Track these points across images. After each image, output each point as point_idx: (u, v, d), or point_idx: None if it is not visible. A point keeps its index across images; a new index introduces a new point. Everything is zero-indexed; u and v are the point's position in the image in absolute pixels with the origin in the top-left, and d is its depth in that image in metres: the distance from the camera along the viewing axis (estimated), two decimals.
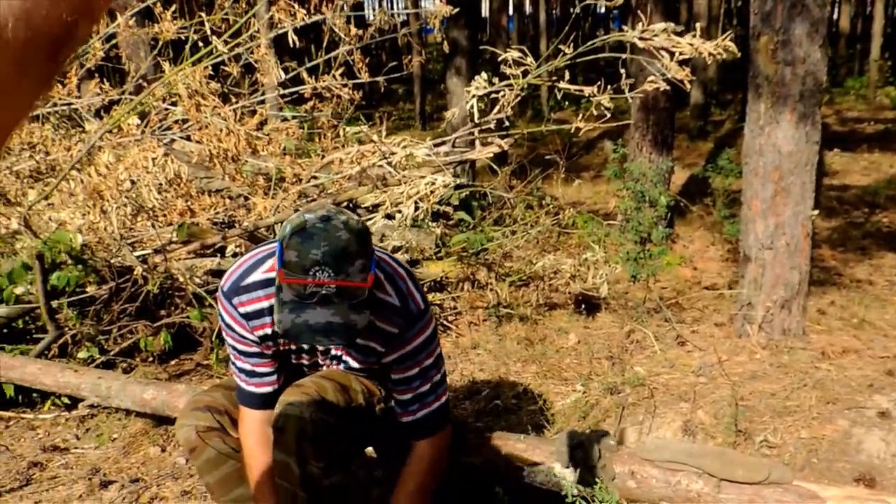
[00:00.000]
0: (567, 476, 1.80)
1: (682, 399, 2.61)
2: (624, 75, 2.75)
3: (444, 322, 3.62)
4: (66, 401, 2.86)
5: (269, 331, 1.58)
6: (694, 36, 2.64)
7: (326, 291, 1.34)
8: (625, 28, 2.81)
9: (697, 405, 2.53)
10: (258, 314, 1.56)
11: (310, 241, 1.34)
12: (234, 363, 1.68)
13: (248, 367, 1.65)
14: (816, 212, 3.17)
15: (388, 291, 1.56)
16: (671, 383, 2.75)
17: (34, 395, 2.91)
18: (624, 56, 2.72)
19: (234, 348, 1.64)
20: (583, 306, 3.68)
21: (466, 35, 6.86)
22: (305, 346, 1.68)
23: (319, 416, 1.54)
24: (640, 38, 2.59)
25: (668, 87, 2.68)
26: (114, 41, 4.15)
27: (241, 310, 1.56)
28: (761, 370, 2.82)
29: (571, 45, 2.69)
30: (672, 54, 2.59)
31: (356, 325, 1.38)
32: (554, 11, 24.43)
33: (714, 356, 2.86)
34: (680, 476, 1.78)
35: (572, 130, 2.78)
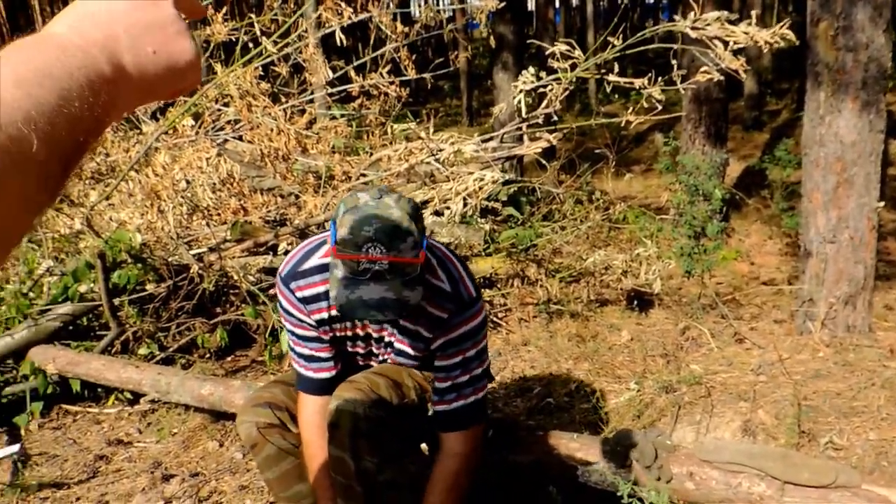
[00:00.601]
0: (623, 476, 1.77)
1: (741, 398, 2.54)
2: (675, 67, 2.68)
3: (495, 319, 3.60)
4: (129, 396, 2.95)
5: (325, 315, 1.62)
6: (749, 24, 2.55)
7: (379, 267, 1.36)
8: (676, 18, 2.74)
9: (758, 405, 2.46)
10: (315, 298, 1.60)
11: (363, 219, 1.37)
12: (293, 349, 1.71)
13: (307, 351, 1.68)
14: (882, 203, 3.04)
15: (440, 277, 1.58)
16: (729, 382, 2.68)
17: (99, 390, 3.01)
18: (675, 47, 2.65)
19: (294, 333, 1.68)
20: (635, 302, 3.62)
21: (513, 29, 6.81)
22: (360, 333, 1.69)
23: (373, 412, 1.56)
24: (693, 28, 2.52)
25: (721, 78, 2.59)
26: None
27: (299, 294, 1.60)
28: (825, 369, 2.72)
29: (620, 36, 2.64)
30: (726, 44, 2.51)
31: (409, 300, 1.40)
32: (601, 3, 24.09)
33: (774, 354, 2.77)
34: (741, 478, 1.73)
35: (622, 124, 2.72)
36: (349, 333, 1.69)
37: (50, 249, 3.40)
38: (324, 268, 1.57)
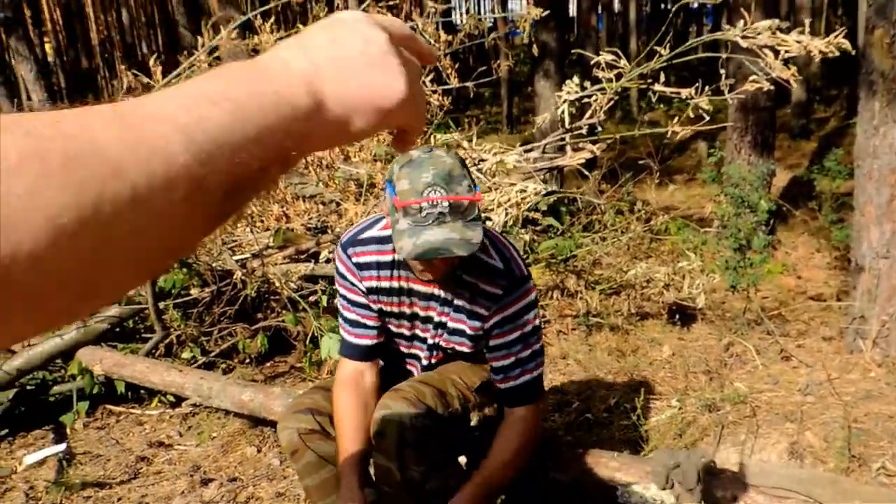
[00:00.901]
0: (664, 499, 1.73)
1: (787, 419, 2.46)
2: (723, 76, 2.62)
3: None
4: (171, 398, 3.01)
5: (374, 284, 1.70)
6: (801, 32, 2.49)
7: (441, 209, 1.43)
8: (724, 27, 2.69)
9: (805, 426, 2.38)
10: (368, 266, 1.69)
11: (419, 168, 1.45)
12: (342, 314, 1.79)
13: (354, 316, 1.75)
14: None
15: (493, 255, 1.64)
16: (775, 401, 2.60)
17: (142, 391, 3.08)
18: (723, 56, 2.59)
19: (345, 297, 1.76)
20: (677, 316, 3.55)
21: (555, 37, 6.78)
22: (407, 311, 1.73)
23: (419, 422, 1.56)
24: (743, 37, 2.46)
25: (771, 87, 2.53)
26: (216, 53, 4.34)
27: (355, 259, 1.70)
28: (877, 389, 2.63)
29: (668, 45, 2.59)
30: (777, 53, 2.44)
31: (471, 239, 1.45)
32: (644, 9, 23.81)
33: (823, 373, 2.69)
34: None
35: (668, 135, 2.67)
36: (395, 309, 1.74)
37: None
38: (381, 240, 1.68)
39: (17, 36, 6.37)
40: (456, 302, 1.67)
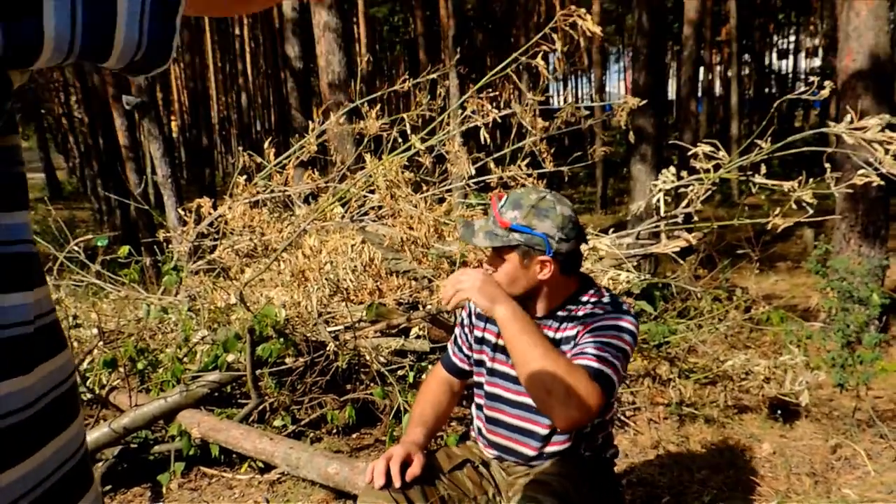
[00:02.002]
0: None
1: None
2: (829, 169, 2.56)
3: (622, 418, 3.47)
4: (260, 464, 3.09)
5: (479, 334, 1.90)
6: None
7: (489, 213, 1.73)
8: (830, 122, 2.64)
9: None
10: (481, 317, 1.91)
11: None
12: (453, 340, 2.05)
13: (457, 340, 2.01)
14: None
15: (603, 295, 1.75)
16: None
17: (234, 455, 3.18)
18: (829, 150, 2.54)
19: (461, 327, 2.00)
20: (778, 412, 3.36)
21: (652, 123, 6.81)
22: (488, 363, 1.87)
23: None
24: (849, 132, 2.41)
25: (882, 183, 2.45)
26: (324, 137, 4.63)
27: (476, 310, 1.92)
28: None
29: (769, 139, 2.57)
30: (887, 149, 2.37)
31: (476, 237, 1.70)
32: (747, 92, 23.51)
33: None
34: None
35: (769, 227, 2.62)
36: (480, 357, 1.89)
37: (206, 319, 3.70)
38: None
39: (150, 118, 7.03)
40: (554, 335, 1.74)
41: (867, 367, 3.17)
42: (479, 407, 1.94)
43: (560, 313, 1.74)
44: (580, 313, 1.71)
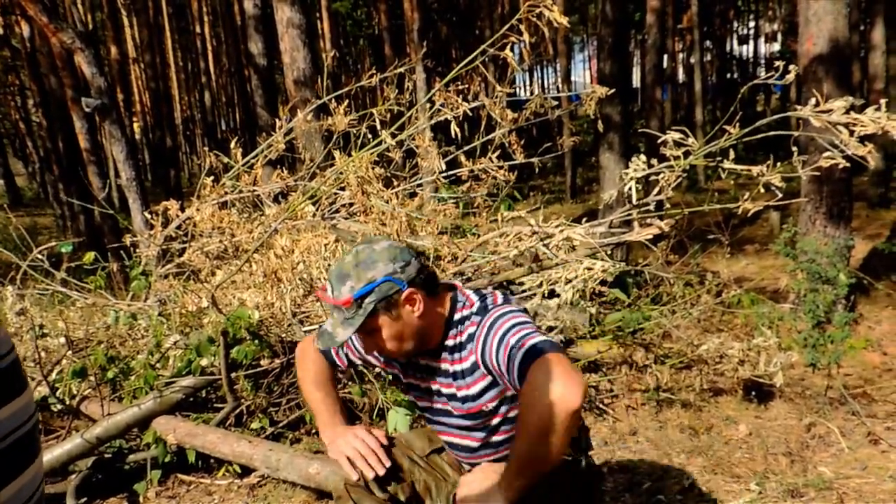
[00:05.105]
0: None
1: None
2: (796, 152, 2.60)
3: (600, 405, 3.49)
4: (238, 469, 3.05)
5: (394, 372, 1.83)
6: (877, 109, 2.45)
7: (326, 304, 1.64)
8: (797, 106, 2.68)
9: None
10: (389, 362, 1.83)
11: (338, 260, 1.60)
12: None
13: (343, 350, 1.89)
14: None
15: (471, 304, 1.63)
16: (865, 489, 2.44)
17: (211, 461, 3.13)
18: (795, 134, 2.57)
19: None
20: (753, 393, 3.41)
21: (619, 111, 6.86)
22: (422, 385, 1.76)
23: None
24: (816, 116, 2.44)
25: (847, 164, 2.48)
26: (292, 135, 4.57)
27: None
28: None
29: (737, 124, 2.59)
30: (852, 131, 2.41)
31: (336, 336, 1.55)
32: (709, 79, 23.82)
33: None
34: None
35: (739, 211, 2.64)
36: (412, 382, 1.78)
37: (177, 324, 3.64)
38: None
39: (111, 119, 6.87)
40: (451, 368, 1.64)
41: (837, 345, 3.24)
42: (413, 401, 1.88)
43: (448, 343, 1.63)
44: (464, 339, 1.61)
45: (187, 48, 27.93)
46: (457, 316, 1.63)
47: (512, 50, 3.74)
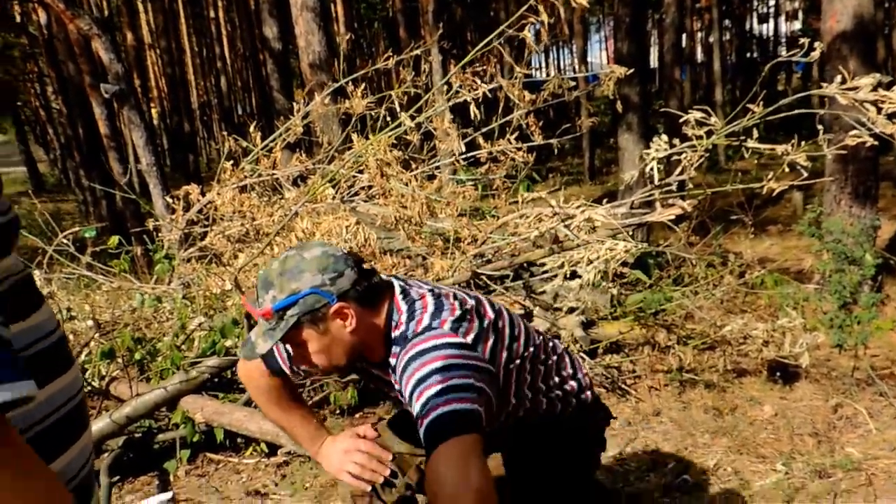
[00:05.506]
0: None
1: None
2: (821, 131, 2.56)
3: (622, 386, 3.49)
4: (265, 448, 3.09)
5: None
6: None
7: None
8: (823, 84, 2.64)
9: None
10: None
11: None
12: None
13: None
14: None
15: (401, 323, 1.45)
16: (893, 469, 2.43)
17: (239, 440, 3.18)
18: (820, 112, 2.54)
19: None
20: (777, 374, 3.39)
21: (638, 92, 6.79)
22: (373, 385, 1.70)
23: None
24: (842, 93, 2.40)
25: (874, 142, 2.44)
26: (309, 119, 4.57)
27: None
28: None
29: (761, 102, 2.56)
30: (879, 108, 2.37)
31: (256, 346, 1.41)
32: (728, 58, 23.48)
33: None
34: None
35: (763, 191, 2.62)
36: (372, 387, 1.74)
37: (202, 306, 3.68)
38: None
39: (130, 105, 6.91)
40: (382, 376, 1.56)
41: (864, 326, 3.20)
42: None
43: (392, 361, 1.46)
44: (394, 361, 1.44)
45: (202, 33, 27.96)
46: (393, 334, 1.45)
47: (528, 31, 3.71)
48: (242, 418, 3.04)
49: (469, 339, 1.38)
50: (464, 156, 4.33)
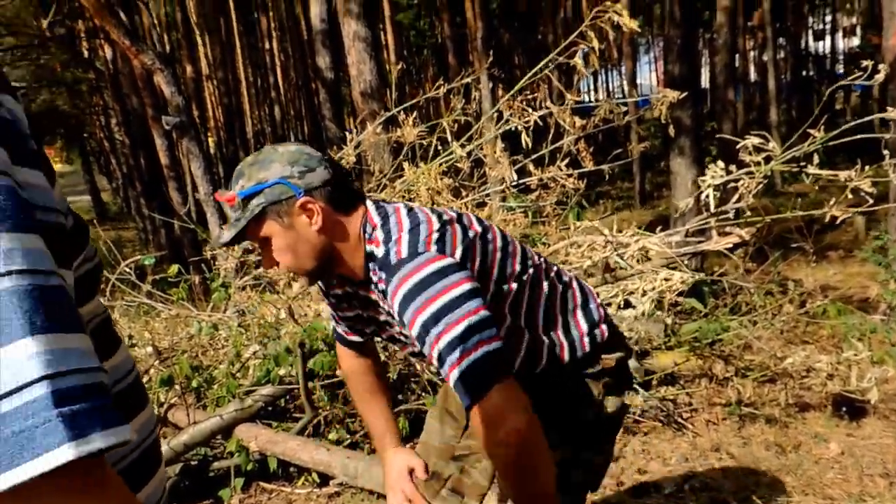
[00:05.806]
0: None
1: None
2: (888, 155, 2.47)
3: (679, 419, 3.40)
4: (317, 479, 3.11)
5: (336, 291, 1.60)
6: None
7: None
8: (881, 104, 2.55)
9: None
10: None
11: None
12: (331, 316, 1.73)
13: (334, 319, 1.71)
14: None
15: (377, 240, 1.39)
16: None
17: (291, 469, 3.21)
18: (886, 137, 2.45)
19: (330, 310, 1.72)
20: (843, 409, 3.25)
21: (690, 115, 6.70)
22: (364, 315, 1.58)
23: None
24: None
25: None
26: (361, 147, 4.65)
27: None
28: None
29: (822, 126, 2.49)
30: None
31: (221, 237, 1.41)
32: (783, 77, 22.97)
33: None
34: None
35: (827, 219, 2.53)
36: (353, 314, 1.61)
37: (256, 334, 3.74)
38: None
39: (189, 136, 7.16)
40: (369, 296, 1.48)
41: None
42: None
43: (373, 278, 1.40)
44: (382, 288, 1.37)
45: (257, 64, 28.85)
46: (367, 248, 1.40)
47: (578, 56, 3.71)
48: (296, 447, 3.06)
49: (457, 255, 1.33)
50: (514, 183, 4.33)
